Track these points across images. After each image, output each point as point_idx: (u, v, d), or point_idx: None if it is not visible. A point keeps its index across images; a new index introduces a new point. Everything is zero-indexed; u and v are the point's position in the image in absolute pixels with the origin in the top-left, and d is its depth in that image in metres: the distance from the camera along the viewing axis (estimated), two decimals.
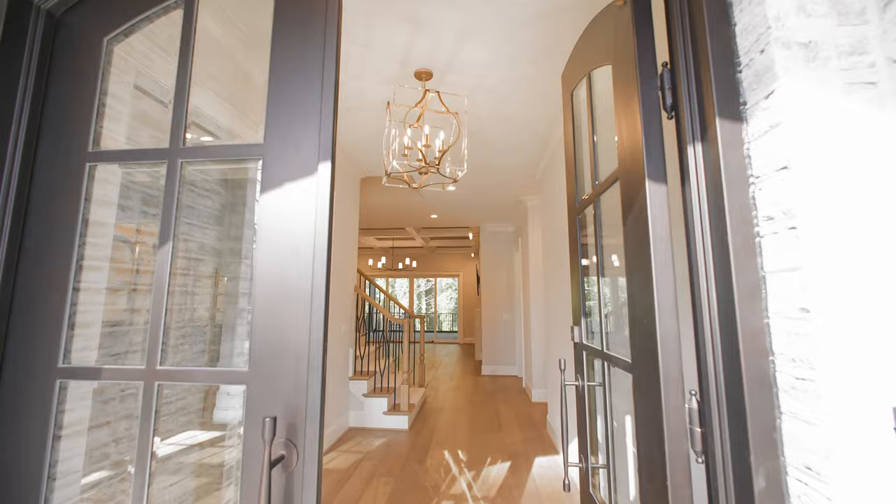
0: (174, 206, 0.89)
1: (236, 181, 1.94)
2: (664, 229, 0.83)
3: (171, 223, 0.89)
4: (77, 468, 1.29)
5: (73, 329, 1.11)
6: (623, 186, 0.98)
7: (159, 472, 1.47)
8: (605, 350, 1.15)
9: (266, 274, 0.83)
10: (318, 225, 0.83)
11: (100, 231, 1.40)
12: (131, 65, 1.45)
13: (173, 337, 1.53)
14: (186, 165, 0.93)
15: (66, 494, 1.26)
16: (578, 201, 1.45)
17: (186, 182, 1.77)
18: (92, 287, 1.37)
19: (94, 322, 1.36)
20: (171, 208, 0.89)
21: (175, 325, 1.55)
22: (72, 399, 1.26)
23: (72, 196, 0.94)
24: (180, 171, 0.91)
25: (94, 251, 1.38)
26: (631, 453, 1.45)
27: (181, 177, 0.91)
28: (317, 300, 0.80)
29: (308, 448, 0.76)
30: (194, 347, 1.57)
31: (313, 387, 0.77)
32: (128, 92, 1.47)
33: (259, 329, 0.81)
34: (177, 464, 1.58)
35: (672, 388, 0.78)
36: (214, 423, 1.75)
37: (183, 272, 1.69)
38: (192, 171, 1.74)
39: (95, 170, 1.02)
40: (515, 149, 3.74)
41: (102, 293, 1.41)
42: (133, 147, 1.27)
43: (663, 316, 0.80)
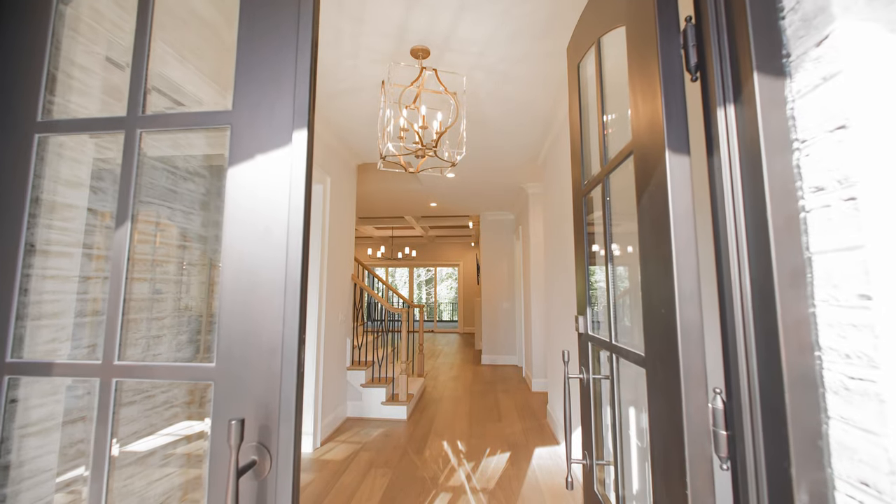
0: (132, 182, 0.79)
1: (222, 166, 1.84)
2: (686, 207, 0.73)
3: (128, 202, 0.79)
4: (49, 466, 1.22)
5: (31, 320, 1.02)
6: (638, 161, 0.88)
7: (138, 468, 1.40)
8: (613, 342, 1.06)
9: (235, 256, 0.73)
10: (294, 200, 0.73)
11: (68, 214, 1.30)
12: (101, 35, 1.34)
13: (155, 328, 1.45)
14: (148, 137, 0.83)
15: (39, 493, 1.19)
16: (585, 182, 1.34)
17: (168, 164, 1.66)
18: (61, 275, 1.28)
19: (64, 312, 1.27)
20: (128, 184, 0.79)
21: (156, 316, 1.46)
22: (40, 394, 1.18)
23: (18, 172, 0.84)
24: (139, 143, 0.80)
25: (62, 236, 1.28)
26: (638, 451, 1.38)
27: (141, 150, 0.81)
28: (291, 285, 0.70)
29: (282, 452, 0.67)
30: (178, 338, 1.48)
31: (288, 384, 0.68)
32: (98, 64, 1.36)
33: (227, 319, 0.72)
34: (161, 458, 1.51)
35: (694, 385, 0.69)
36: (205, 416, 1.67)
37: (165, 259, 1.60)
38: (177, 156, 1.64)
39: (48, 142, 0.92)
40: (516, 132, 3.61)
41: (74, 281, 1.31)
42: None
43: (685, 304, 0.70)
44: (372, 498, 2.47)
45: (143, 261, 1.43)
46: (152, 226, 1.50)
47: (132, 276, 1.31)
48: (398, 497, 2.48)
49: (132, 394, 1.40)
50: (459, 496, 2.49)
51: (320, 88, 2.83)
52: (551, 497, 2.49)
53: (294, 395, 0.67)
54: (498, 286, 7.05)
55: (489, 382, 5.60)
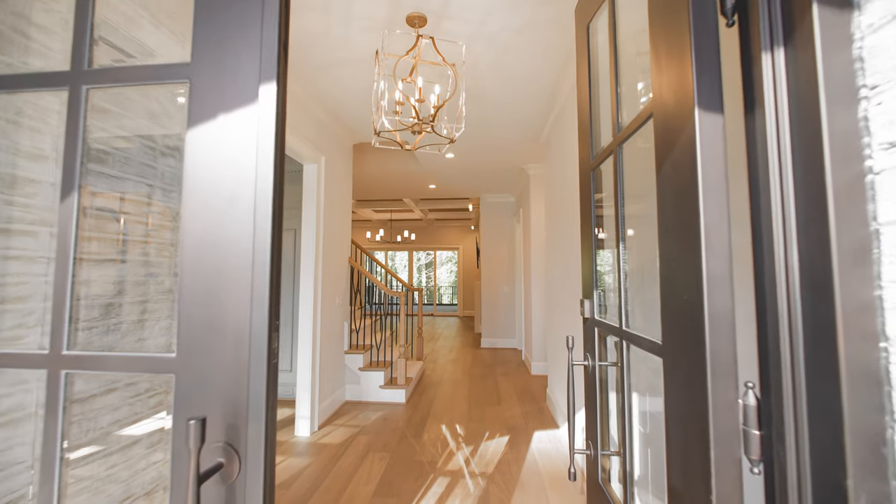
0: (78, 147, 0.69)
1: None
2: (719, 175, 0.63)
3: (74, 170, 0.68)
4: (22, 458, 1.15)
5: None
6: (659, 125, 0.77)
7: (121, 457, 1.34)
8: (623, 327, 0.97)
9: (196, 231, 0.64)
10: (262, 165, 0.63)
11: (30, 190, 1.20)
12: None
13: (136, 313, 1.36)
14: (95, 94, 0.72)
15: (11, 486, 1.13)
16: (594, 154, 1.23)
17: (146, 140, 1.55)
18: (25, 255, 1.18)
19: (31, 296, 1.18)
20: (74, 150, 0.68)
21: (139, 300, 1.37)
22: (6, 384, 1.10)
23: None
24: (86, 102, 0.70)
25: (24, 213, 1.18)
26: (649, 443, 1.31)
27: (86, 109, 0.70)
28: (260, 262, 0.61)
29: (252, 454, 0.59)
30: (145, 326, 1.39)
31: (256, 377, 0.59)
32: (59, 24, 1.23)
33: (188, 303, 0.63)
34: (146, 447, 1.45)
35: (722, 378, 0.60)
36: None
37: (143, 239, 1.50)
38: (158, 134, 1.52)
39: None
40: (517, 108, 3.46)
41: (41, 263, 1.22)
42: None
43: (714, 288, 0.61)
44: (369, 482, 2.44)
45: (101, 239, 1.33)
46: (113, 200, 1.39)
47: (84, 258, 1.21)
48: (396, 481, 2.45)
49: (111, 381, 1.32)
50: (458, 480, 2.46)
51: (309, 60, 2.68)
52: (551, 482, 2.46)
53: (264, 390, 0.59)
54: (498, 269, 6.98)
55: (489, 365, 5.59)
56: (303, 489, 2.36)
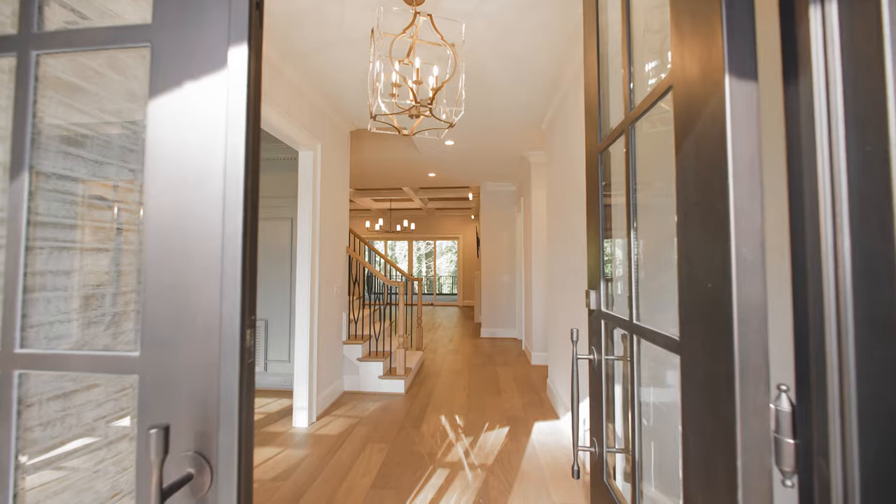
0: (28, 121, 0.61)
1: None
2: (751, 149, 0.55)
3: (24, 148, 0.61)
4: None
5: None
6: (679, 97, 0.70)
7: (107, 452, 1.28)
8: (634, 321, 0.91)
9: (160, 215, 0.57)
10: (232, 140, 0.55)
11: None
12: None
13: (108, 306, 1.29)
14: (47, 61, 0.64)
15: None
16: (602, 135, 1.15)
17: (130, 124, 1.46)
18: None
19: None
20: (23, 125, 0.61)
21: (111, 293, 1.30)
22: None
23: None
24: (35, 70, 0.62)
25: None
26: (659, 442, 1.26)
27: (37, 78, 0.62)
28: (230, 248, 0.54)
29: (224, 464, 0.52)
30: (116, 322, 1.32)
31: (227, 377, 0.53)
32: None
33: (153, 295, 0.56)
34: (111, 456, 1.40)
35: (752, 380, 0.53)
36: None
37: (120, 227, 1.42)
38: (140, 119, 1.44)
39: None
40: (519, 92, 3.35)
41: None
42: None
43: (744, 278, 0.54)
44: (367, 474, 2.41)
45: (63, 225, 1.24)
46: (74, 183, 1.30)
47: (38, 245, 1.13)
48: (394, 473, 2.42)
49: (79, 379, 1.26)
50: (457, 472, 2.43)
51: (301, 40, 2.56)
52: (551, 473, 2.43)
53: (236, 393, 0.52)
54: (498, 259, 6.91)
55: (488, 355, 5.56)
56: (300, 481, 2.34)
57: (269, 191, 4.17)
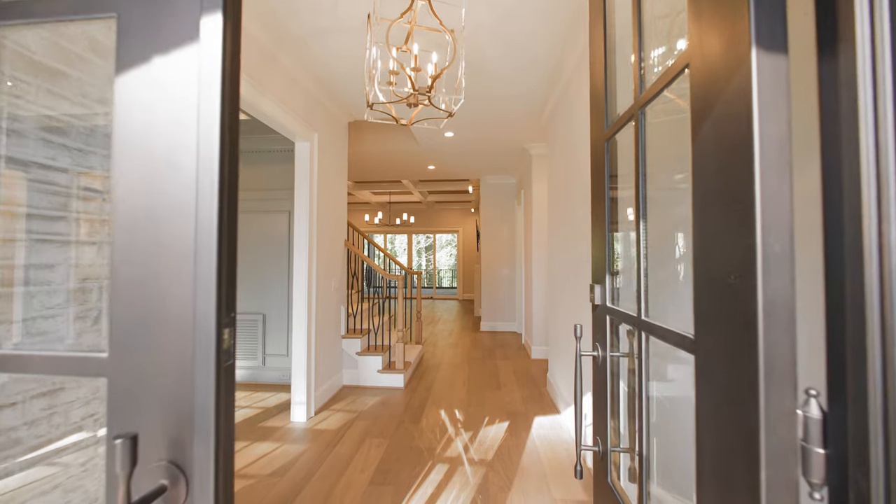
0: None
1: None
2: (781, 130, 0.50)
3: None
4: None
5: None
6: (698, 76, 0.64)
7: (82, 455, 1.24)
8: (642, 317, 0.86)
9: (128, 203, 0.51)
10: (205, 119, 0.50)
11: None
12: None
13: (46, 306, 1.24)
14: (9, 35, 0.58)
15: None
16: (609, 123, 1.10)
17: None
18: None
19: None
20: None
21: (50, 289, 1.25)
22: None
23: None
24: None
25: None
26: (667, 442, 1.22)
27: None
28: (204, 239, 0.49)
29: (199, 475, 0.48)
30: (86, 319, 1.27)
31: (202, 381, 0.48)
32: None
33: (122, 291, 0.51)
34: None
35: (778, 383, 0.49)
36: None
37: (60, 214, 1.36)
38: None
39: None
40: (520, 80, 3.28)
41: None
42: None
43: (771, 270, 0.49)
44: (366, 470, 2.38)
45: (21, 216, 1.18)
46: (73, 176, 1.25)
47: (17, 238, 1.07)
48: (393, 468, 2.40)
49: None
50: (456, 468, 2.40)
51: (296, 26, 2.49)
52: (551, 468, 2.41)
53: (212, 397, 0.48)
54: (498, 252, 6.87)
55: (488, 349, 5.54)
56: (298, 477, 2.31)
57: (266, 183, 4.11)
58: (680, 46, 1.16)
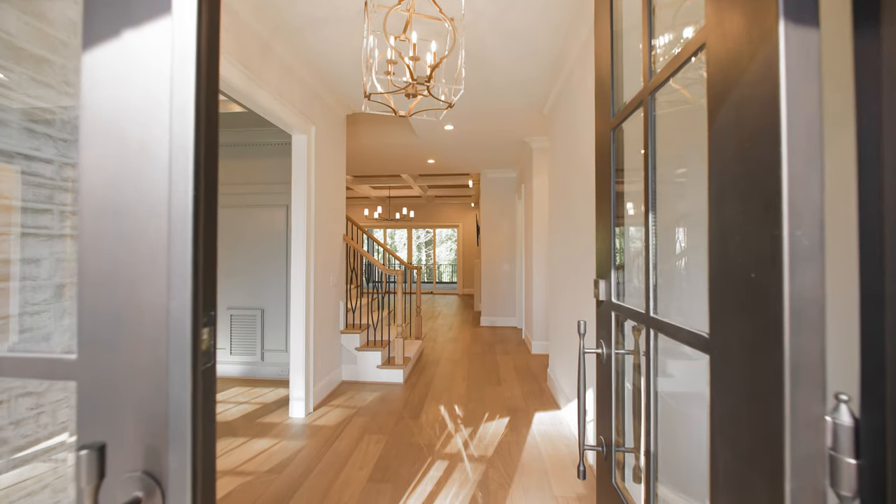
0: None
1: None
2: (811, 111, 0.46)
3: None
4: None
5: None
6: (715, 55, 0.59)
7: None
8: (651, 314, 0.82)
9: (97, 191, 0.47)
10: (178, 100, 0.45)
11: None
12: None
13: (66, 297, 1.20)
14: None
15: None
16: (615, 111, 1.05)
17: None
18: None
19: None
20: None
21: (61, 284, 1.21)
22: None
23: None
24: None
25: None
26: (674, 444, 1.18)
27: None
28: (178, 236, 0.44)
29: (175, 487, 0.44)
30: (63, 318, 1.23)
31: (177, 388, 0.44)
32: None
33: (92, 287, 0.47)
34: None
35: (806, 386, 0.45)
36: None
37: (39, 207, 1.32)
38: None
39: None
40: (520, 70, 3.22)
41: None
42: None
43: (799, 265, 0.45)
44: (364, 466, 2.36)
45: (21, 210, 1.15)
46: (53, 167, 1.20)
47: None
48: (392, 465, 2.38)
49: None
50: (456, 464, 2.38)
51: (293, 16, 2.42)
52: (552, 465, 2.38)
53: (188, 403, 0.44)
54: (498, 247, 6.82)
55: (488, 344, 5.52)
56: (296, 473, 2.29)
57: (264, 177, 4.06)
58: (687, 36, 1.11)
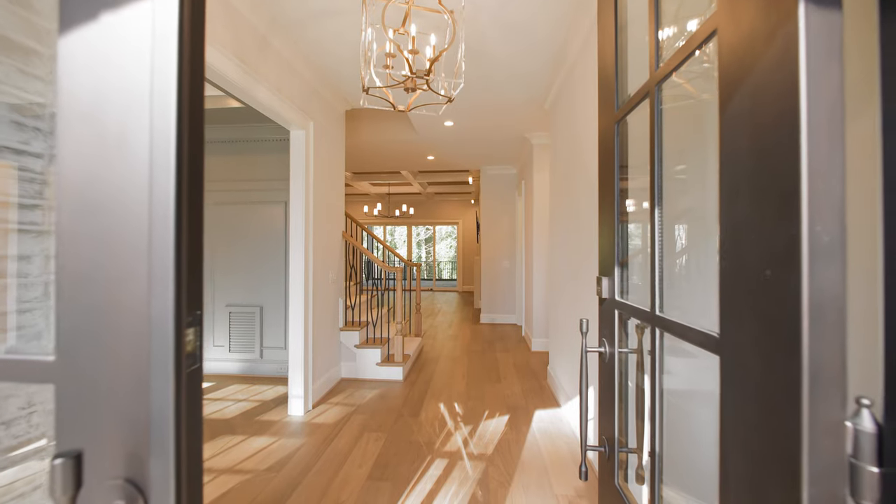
0: None
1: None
2: (833, 98, 0.43)
3: None
4: None
5: None
6: (728, 41, 0.57)
7: None
8: (656, 312, 0.80)
9: (76, 185, 0.45)
10: (159, 87, 0.43)
11: None
12: None
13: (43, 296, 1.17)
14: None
15: None
16: (620, 102, 1.02)
17: None
18: None
19: None
20: None
21: (35, 283, 1.18)
22: None
23: None
24: None
25: None
26: (670, 439, 1.16)
27: None
28: (159, 231, 0.42)
29: (158, 494, 0.42)
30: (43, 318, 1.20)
31: (160, 392, 0.41)
32: None
33: (70, 288, 0.44)
34: None
35: (825, 390, 0.42)
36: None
37: (31, 202, 1.29)
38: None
39: None
40: (521, 64, 3.18)
41: None
42: None
43: (819, 262, 0.42)
44: (363, 464, 2.35)
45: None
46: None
47: None
48: (391, 463, 2.36)
49: None
50: (456, 462, 2.37)
51: (290, 9, 2.38)
52: (553, 463, 2.37)
53: (171, 407, 0.41)
54: (498, 244, 6.80)
55: (488, 341, 5.50)
56: (294, 472, 2.27)
57: (262, 173, 4.02)
58: (691, 29, 1.08)
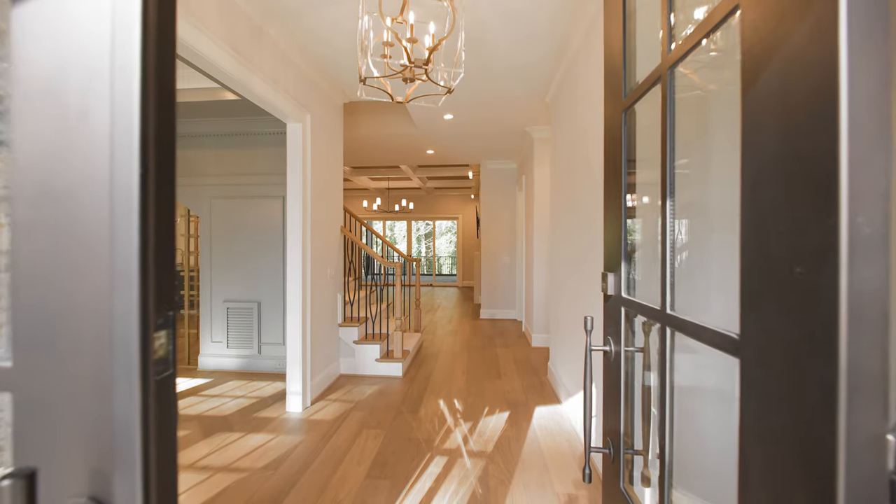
0: None
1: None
2: (878, 76, 0.38)
3: None
4: None
5: None
6: (752, 18, 0.52)
7: None
8: (667, 311, 0.75)
9: (32, 167, 0.40)
10: (121, 60, 0.38)
11: None
12: None
13: None
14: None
15: None
16: (629, 90, 0.97)
17: None
18: None
19: None
20: None
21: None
22: None
23: None
24: None
25: None
26: (691, 450, 1.13)
27: None
28: (122, 222, 0.37)
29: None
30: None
31: (123, 402, 0.37)
32: None
33: (27, 286, 0.40)
34: None
35: (864, 400, 0.38)
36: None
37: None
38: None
39: None
40: (522, 55, 3.11)
41: None
42: None
43: (860, 257, 0.38)
44: (362, 462, 2.32)
45: None
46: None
47: None
48: (390, 461, 2.33)
49: None
50: (455, 460, 2.34)
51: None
52: (553, 461, 2.34)
53: (137, 419, 0.37)
54: (498, 239, 6.75)
55: (488, 337, 5.48)
56: (292, 470, 2.24)
57: (259, 167, 3.97)
58: (698, 17, 1.03)
